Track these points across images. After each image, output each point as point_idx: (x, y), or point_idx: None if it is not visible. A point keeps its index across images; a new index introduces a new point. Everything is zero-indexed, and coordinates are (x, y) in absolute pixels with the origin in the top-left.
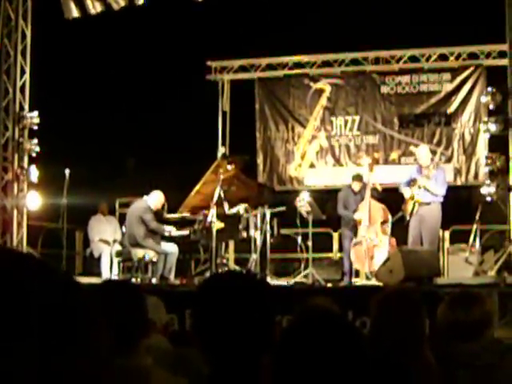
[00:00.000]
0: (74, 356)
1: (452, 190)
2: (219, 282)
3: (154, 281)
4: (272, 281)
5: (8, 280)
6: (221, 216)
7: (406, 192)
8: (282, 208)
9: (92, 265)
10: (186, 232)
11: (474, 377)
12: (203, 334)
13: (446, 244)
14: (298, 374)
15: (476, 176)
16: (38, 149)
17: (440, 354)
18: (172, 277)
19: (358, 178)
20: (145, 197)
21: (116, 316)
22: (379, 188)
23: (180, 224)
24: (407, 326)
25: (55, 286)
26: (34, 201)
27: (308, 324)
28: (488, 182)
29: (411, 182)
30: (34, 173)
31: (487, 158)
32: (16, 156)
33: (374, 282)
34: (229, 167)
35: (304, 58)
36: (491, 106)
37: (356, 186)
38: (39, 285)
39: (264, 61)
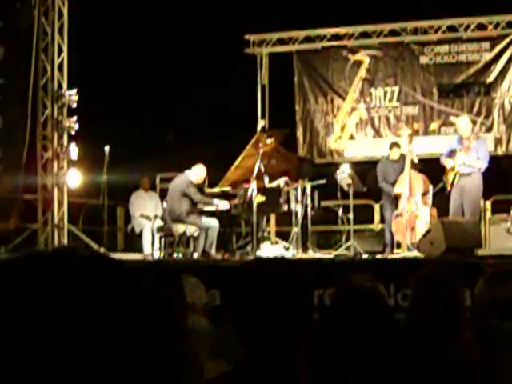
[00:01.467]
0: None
1: (493, 160)
2: (260, 267)
3: (195, 256)
4: (314, 253)
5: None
6: (261, 189)
7: (448, 163)
8: (323, 181)
9: (134, 241)
10: (228, 205)
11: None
12: (240, 321)
13: (488, 214)
14: (329, 363)
15: None
16: (77, 126)
17: (479, 332)
18: (213, 251)
19: (395, 145)
20: (186, 171)
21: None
22: (416, 160)
23: (221, 198)
24: (446, 306)
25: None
26: (75, 178)
27: (342, 314)
28: None
29: (452, 153)
30: (74, 150)
31: None
32: (55, 134)
33: (415, 253)
34: (268, 141)
35: (342, 30)
36: None
37: (395, 155)
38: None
39: (302, 33)
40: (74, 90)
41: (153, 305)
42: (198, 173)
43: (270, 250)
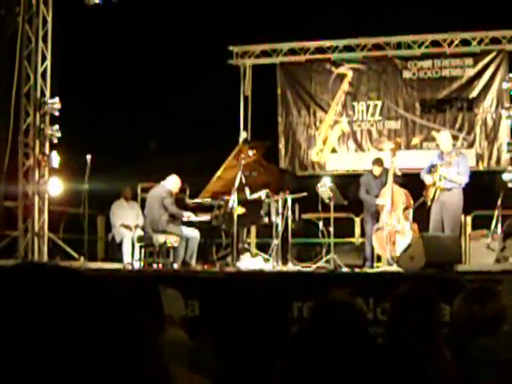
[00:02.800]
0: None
1: (474, 176)
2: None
3: (175, 266)
4: (294, 266)
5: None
6: (242, 201)
7: (428, 179)
8: (304, 193)
9: (113, 250)
10: (207, 217)
11: (490, 372)
12: (215, 334)
13: (468, 229)
14: (306, 376)
15: (498, 161)
16: (59, 135)
17: (457, 348)
18: (194, 262)
19: (378, 162)
20: (162, 182)
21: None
22: (399, 173)
23: (201, 209)
24: (424, 322)
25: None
26: (56, 186)
27: (318, 330)
28: (510, 168)
29: (432, 169)
30: (56, 159)
31: (509, 144)
32: (37, 142)
33: (395, 267)
34: (250, 152)
35: (326, 43)
36: None
37: (376, 171)
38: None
39: (286, 46)
40: (57, 98)
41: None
42: (172, 183)
43: (249, 261)
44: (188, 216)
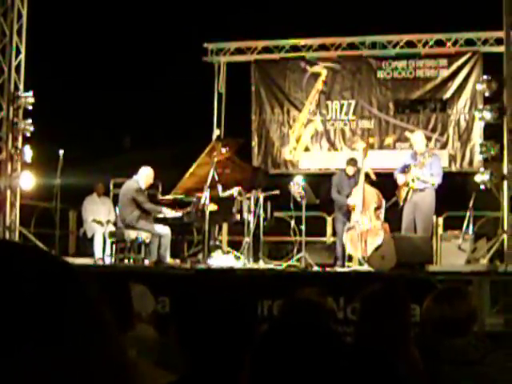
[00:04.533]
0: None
1: (446, 177)
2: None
3: (146, 262)
4: (265, 264)
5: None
6: (214, 198)
7: (400, 178)
8: (276, 191)
9: (85, 245)
10: (179, 214)
11: (459, 373)
12: (184, 330)
13: (440, 230)
14: (273, 375)
15: (471, 163)
16: (32, 129)
17: (426, 348)
18: (168, 259)
19: (352, 162)
20: (134, 177)
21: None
22: (372, 175)
23: (173, 206)
24: (393, 322)
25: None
26: (28, 181)
27: (286, 330)
28: (482, 169)
29: (406, 169)
30: (28, 153)
31: (481, 145)
32: (10, 136)
33: (366, 267)
34: (223, 150)
35: (301, 42)
36: (487, 94)
37: (350, 170)
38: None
39: (261, 43)
40: (31, 92)
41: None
42: (144, 175)
43: (221, 259)
44: (166, 212)
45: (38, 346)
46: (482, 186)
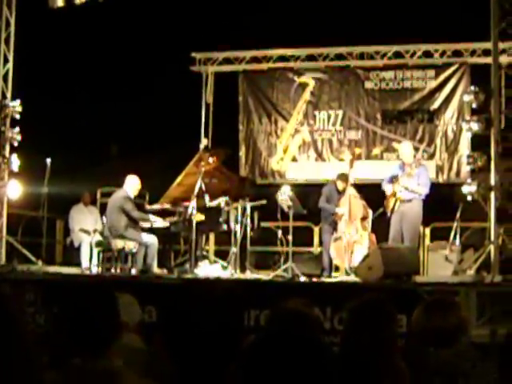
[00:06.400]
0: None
1: (434, 187)
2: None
3: (133, 272)
4: (252, 274)
5: None
6: (201, 208)
7: (388, 189)
8: (263, 201)
9: (72, 254)
10: (166, 223)
11: None
12: (171, 340)
13: (427, 241)
14: None
15: (458, 173)
16: (19, 138)
17: (414, 360)
18: (155, 268)
19: (343, 177)
20: (124, 186)
21: (86, 319)
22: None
23: (161, 215)
24: (379, 334)
25: None
26: (15, 189)
27: (272, 341)
28: (469, 181)
29: (393, 179)
30: (15, 162)
31: (469, 156)
32: None
33: (353, 277)
34: (210, 160)
35: (288, 52)
36: (474, 105)
37: (340, 186)
38: None
39: (248, 53)
40: (18, 101)
41: None
42: (131, 184)
43: (207, 268)
44: (154, 221)
45: None
46: (469, 197)
